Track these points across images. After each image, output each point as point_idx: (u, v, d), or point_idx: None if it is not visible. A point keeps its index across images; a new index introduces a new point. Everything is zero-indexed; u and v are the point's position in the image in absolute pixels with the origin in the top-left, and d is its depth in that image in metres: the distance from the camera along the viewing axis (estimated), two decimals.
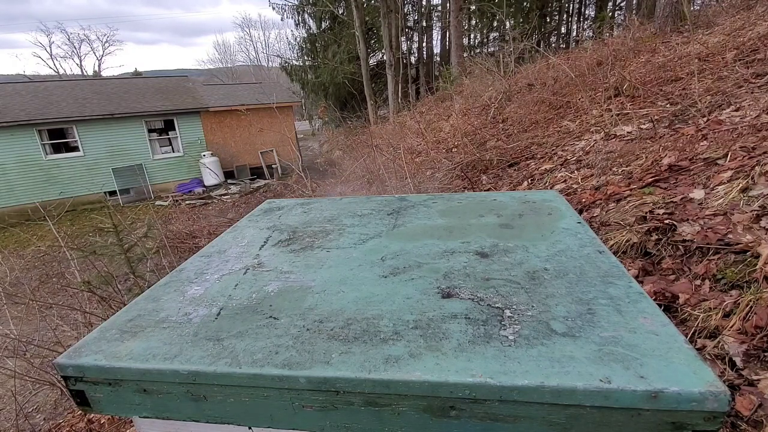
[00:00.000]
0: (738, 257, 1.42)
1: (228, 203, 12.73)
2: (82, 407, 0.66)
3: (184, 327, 0.69)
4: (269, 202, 1.44)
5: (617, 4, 21.09)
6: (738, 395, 1.04)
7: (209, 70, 51.37)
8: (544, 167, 3.21)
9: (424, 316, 0.65)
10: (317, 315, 0.69)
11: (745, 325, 1.19)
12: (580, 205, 2.30)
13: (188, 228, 7.60)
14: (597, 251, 0.82)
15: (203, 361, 0.59)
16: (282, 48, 61.42)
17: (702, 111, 2.80)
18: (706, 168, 2.05)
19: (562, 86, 5.14)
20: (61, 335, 2.94)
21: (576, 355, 0.54)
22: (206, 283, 0.84)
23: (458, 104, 7.37)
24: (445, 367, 0.53)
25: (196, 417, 0.62)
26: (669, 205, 1.85)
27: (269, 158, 17.01)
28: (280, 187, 11.13)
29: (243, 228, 1.17)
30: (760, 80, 2.95)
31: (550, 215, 1.04)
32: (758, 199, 1.61)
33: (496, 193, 1.29)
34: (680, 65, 4.05)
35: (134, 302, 0.80)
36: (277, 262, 0.91)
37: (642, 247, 1.69)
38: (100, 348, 0.65)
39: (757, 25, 4.32)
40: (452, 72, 12.42)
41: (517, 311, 0.65)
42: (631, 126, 3.07)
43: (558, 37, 23.98)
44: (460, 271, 0.79)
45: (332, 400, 0.56)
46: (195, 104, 15.90)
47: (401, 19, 18.24)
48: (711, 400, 0.46)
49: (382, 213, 1.18)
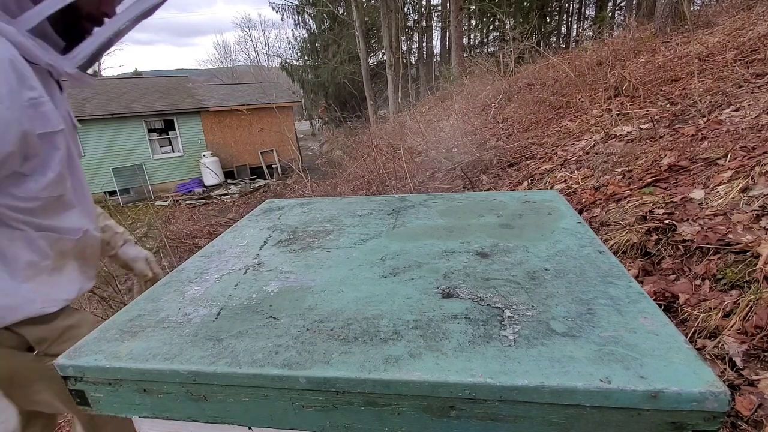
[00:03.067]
0: (738, 257, 1.42)
1: (228, 203, 12.74)
2: (82, 407, 0.66)
3: (184, 327, 0.69)
4: (269, 202, 1.44)
5: (617, 4, 21.10)
6: (738, 395, 1.05)
7: (209, 70, 51.41)
8: (544, 167, 3.21)
9: (424, 316, 0.65)
10: (317, 315, 0.69)
11: (745, 325, 1.19)
12: (580, 205, 2.30)
13: (188, 228, 7.58)
14: (597, 251, 0.82)
15: (203, 361, 0.59)
16: (282, 48, 61.47)
17: (702, 111, 2.80)
18: (706, 168, 2.05)
19: (562, 86, 5.15)
20: None
21: (576, 355, 0.54)
22: (206, 283, 0.84)
23: (458, 104, 7.37)
24: (445, 367, 0.53)
25: (196, 417, 0.62)
26: (669, 205, 1.85)
27: (269, 158, 17.01)
28: (280, 187, 11.14)
29: (243, 228, 1.17)
30: (760, 80, 2.95)
31: (550, 215, 1.04)
32: (758, 199, 1.61)
33: (496, 193, 1.29)
34: (680, 65, 4.05)
35: (134, 302, 0.80)
36: (277, 262, 0.91)
37: (642, 247, 1.70)
38: (100, 348, 0.65)
39: (757, 25, 4.32)
40: (452, 72, 12.42)
41: (517, 311, 0.65)
42: (631, 126, 3.07)
43: (558, 37, 23.99)
44: (460, 271, 0.79)
45: (332, 400, 0.56)
46: (195, 104, 15.90)
47: (401, 19, 18.24)
48: (711, 400, 0.46)
49: (382, 213, 1.18)
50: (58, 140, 0.86)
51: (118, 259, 1.27)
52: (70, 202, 0.95)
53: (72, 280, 0.99)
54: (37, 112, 0.80)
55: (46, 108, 0.82)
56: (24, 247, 0.86)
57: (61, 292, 0.95)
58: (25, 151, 0.80)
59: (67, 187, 0.93)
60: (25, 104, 0.77)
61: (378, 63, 23.08)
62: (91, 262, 1.06)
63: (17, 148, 0.77)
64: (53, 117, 0.84)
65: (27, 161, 0.81)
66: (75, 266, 1.00)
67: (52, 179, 0.86)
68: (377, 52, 23.21)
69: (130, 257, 1.27)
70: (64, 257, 0.96)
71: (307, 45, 23.92)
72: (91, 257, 1.05)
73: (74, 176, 0.95)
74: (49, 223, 0.90)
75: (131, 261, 1.27)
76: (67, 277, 0.97)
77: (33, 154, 0.82)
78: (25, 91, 0.77)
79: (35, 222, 0.87)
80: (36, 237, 0.88)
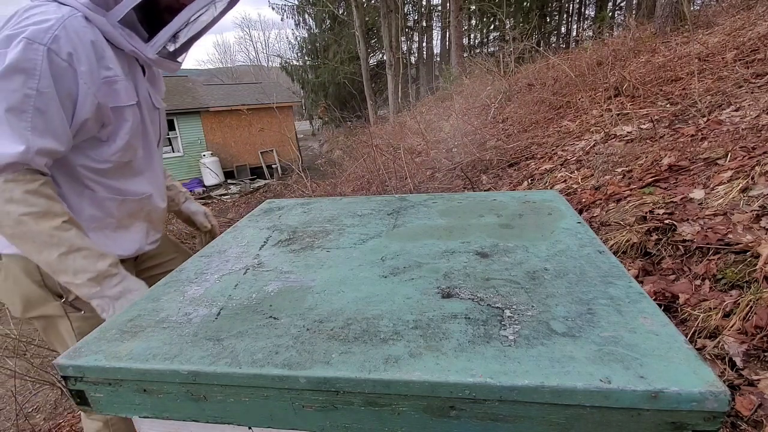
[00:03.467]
0: (738, 257, 1.42)
1: (228, 203, 12.72)
2: (82, 407, 0.66)
3: (184, 327, 0.69)
4: (269, 202, 1.44)
5: (617, 4, 21.11)
6: (738, 395, 1.05)
7: (209, 70, 51.36)
8: (544, 167, 3.21)
9: (424, 316, 0.65)
10: (317, 315, 0.69)
11: (745, 325, 1.19)
12: (580, 205, 2.30)
13: (188, 228, 7.57)
14: (597, 251, 0.82)
15: (203, 361, 0.59)
16: (282, 48, 61.46)
17: (702, 111, 2.80)
18: (706, 168, 2.05)
19: (562, 86, 5.14)
20: None
21: (576, 355, 0.54)
22: (206, 283, 0.84)
23: (458, 104, 7.37)
24: (445, 367, 0.53)
25: (196, 417, 0.62)
26: (669, 205, 1.85)
27: (269, 158, 17.00)
28: (280, 187, 11.12)
29: (243, 228, 1.17)
30: (760, 80, 2.95)
31: (550, 215, 1.04)
32: (758, 199, 1.61)
33: (496, 193, 1.29)
34: (680, 65, 4.05)
35: (134, 302, 0.80)
36: (277, 262, 0.91)
37: (642, 247, 1.69)
38: (100, 348, 0.65)
39: (757, 25, 4.32)
40: (452, 72, 12.41)
41: (517, 311, 0.65)
42: (631, 126, 3.07)
43: (558, 37, 23.99)
44: (460, 271, 0.79)
45: (332, 400, 0.56)
46: (195, 104, 15.90)
47: (401, 19, 18.24)
48: (711, 400, 0.46)
49: (382, 213, 1.18)
50: (128, 114, 1.00)
51: (182, 214, 1.46)
52: (138, 169, 1.09)
53: (133, 240, 1.12)
54: (111, 89, 0.95)
55: (119, 86, 0.97)
56: (90, 203, 1.02)
57: (116, 248, 1.07)
58: (101, 120, 0.96)
59: (137, 156, 1.08)
60: (100, 81, 0.93)
61: (378, 63, 23.08)
62: (157, 227, 1.20)
63: (93, 116, 0.93)
64: (124, 94, 0.99)
65: (103, 128, 0.98)
66: (142, 228, 1.14)
67: (120, 146, 1.01)
68: (377, 52, 23.21)
69: (191, 211, 1.47)
70: (132, 218, 1.10)
71: (307, 45, 23.92)
72: (157, 221, 1.19)
73: (146, 148, 1.10)
74: (116, 185, 1.05)
75: (192, 215, 1.46)
76: (130, 237, 1.11)
77: (107, 123, 0.97)
78: (102, 70, 0.93)
79: (104, 182, 1.02)
80: (103, 197, 1.03)
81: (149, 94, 1.10)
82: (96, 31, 0.92)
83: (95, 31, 0.92)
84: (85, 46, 0.88)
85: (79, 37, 0.88)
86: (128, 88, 1.00)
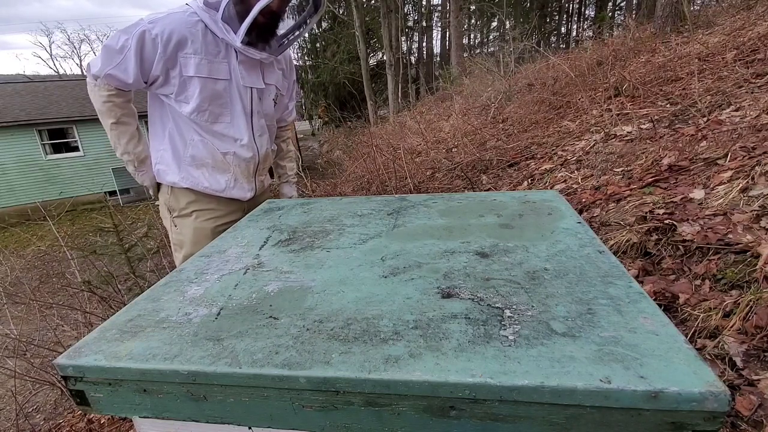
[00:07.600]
0: (738, 257, 1.42)
1: None
2: (82, 407, 0.66)
3: (184, 327, 0.69)
4: (269, 202, 1.44)
5: (617, 4, 21.11)
6: (738, 395, 1.04)
7: None
8: (544, 167, 3.21)
9: (424, 316, 0.65)
10: (317, 315, 0.69)
11: (745, 325, 1.19)
12: (580, 205, 2.30)
13: None
14: (597, 251, 0.82)
15: (203, 361, 0.59)
16: None
17: (702, 111, 2.80)
18: (706, 168, 2.05)
19: (562, 86, 5.14)
20: (61, 335, 2.94)
21: (576, 355, 0.54)
22: (206, 283, 0.84)
23: (458, 104, 7.37)
24: (445, 367, 0.53)
25: (196, 417, 0.62)
26: (669, 205, 1.85)
27: None
28: None
29: (243, 228, 1.17)
30: (760, 80, 2.95)
31: (550, 215, 1.04)
32: (758, 199, 1.61)
33: (496, 193, 1.29)
34: (680, 65, 4.04)
35: (134, 302, 0.80)
36: (277, 262, 0.91)
37: (642, 247, 1.69)
38: (100, 348, 0.65)
39: (757, 25, 4.32)
40: (452, 72, 12.40)
41: (517, 311, 0.65)
42: (631, 126, 3.07)
43: (558, 37, 24.00)
44: (460, 271, 0.79)
45: (332, 400, 0.56)
46: None
47: (401, 19, 18.24)
48: (711, 400, 0.46)
49: (382, 213, 1.18)
50: (195, 81, 1.35)
51: (278, 193, 1.86)
52: (225, 131, 1.44)
53: (220, 180, 1.48)
54: (182, 62, 1.33)
55: (191, 61, 1.33)
56: (193, 146, 1.44)
57: (204, 180, 1.47)
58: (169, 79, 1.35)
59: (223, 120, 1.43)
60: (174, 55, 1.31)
61: (378, 63, 23.06)
62: (246, 178, 1.54)
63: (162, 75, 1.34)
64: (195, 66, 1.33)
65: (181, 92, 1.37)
66: (230, 176, 1.50)
67: (194, 107, 1.37)
68: (377, 52, 23.19)
69: (282, 193, 1.85)
70: (226, 165, 1.48)
71: (307, 45, 23.91)
72: (244, 173, 1.53)
73: (234, 115, 1.44)
74: (210, 138, 1.44)
75: (281, 197, 1.83)
76: (221, 177, 1.48)
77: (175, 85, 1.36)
78: (180, 50, 1.31)
79: (202, 134, 1.43)
80: (199, 143, 1.43)
81: (239, 74, 1.41)
82: (199, 24, 1.31)
83: (198, 24, 1.31)
84: (175, 32, 1.28)
85: (173, 27, 1.28)
86: (200, 62, 1.33)
